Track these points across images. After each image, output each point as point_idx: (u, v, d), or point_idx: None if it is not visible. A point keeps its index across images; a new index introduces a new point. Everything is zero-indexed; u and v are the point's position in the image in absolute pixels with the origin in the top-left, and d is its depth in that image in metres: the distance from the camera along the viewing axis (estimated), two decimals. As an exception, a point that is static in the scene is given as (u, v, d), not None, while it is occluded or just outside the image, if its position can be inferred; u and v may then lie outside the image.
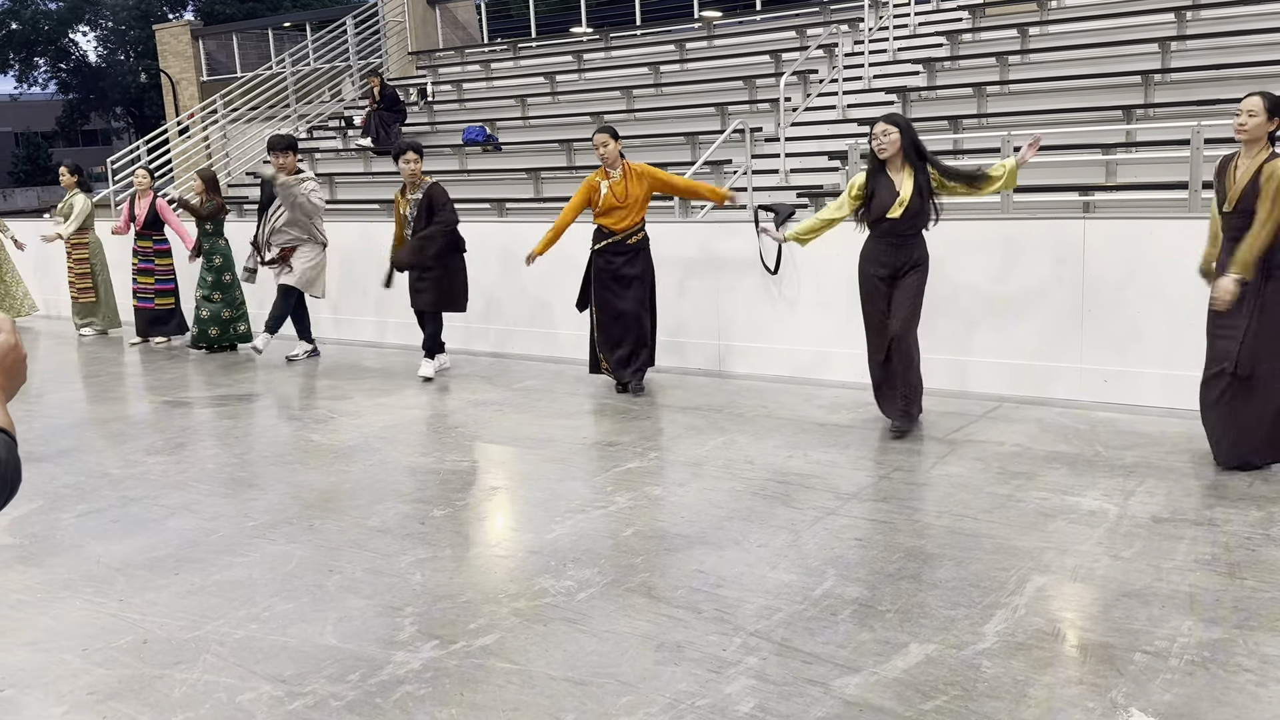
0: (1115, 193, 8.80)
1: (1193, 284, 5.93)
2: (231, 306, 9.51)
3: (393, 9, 19.13)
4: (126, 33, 54.22)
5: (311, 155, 16.34)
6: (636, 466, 5.51)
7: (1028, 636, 3.41)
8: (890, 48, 13.06)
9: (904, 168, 5.62)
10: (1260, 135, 4.72)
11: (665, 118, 13.65)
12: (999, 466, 5.16)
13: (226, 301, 9.49)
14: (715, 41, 15.73)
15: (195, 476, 5.67)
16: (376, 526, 4.78)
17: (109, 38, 55.40)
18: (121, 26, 54.32)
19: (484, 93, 16.95)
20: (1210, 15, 11.30)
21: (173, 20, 54.31)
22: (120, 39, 54.74)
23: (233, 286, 9.53)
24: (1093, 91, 10.58)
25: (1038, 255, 6.34)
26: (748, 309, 7.54)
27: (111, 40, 55.32)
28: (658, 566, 4.14)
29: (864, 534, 4.37)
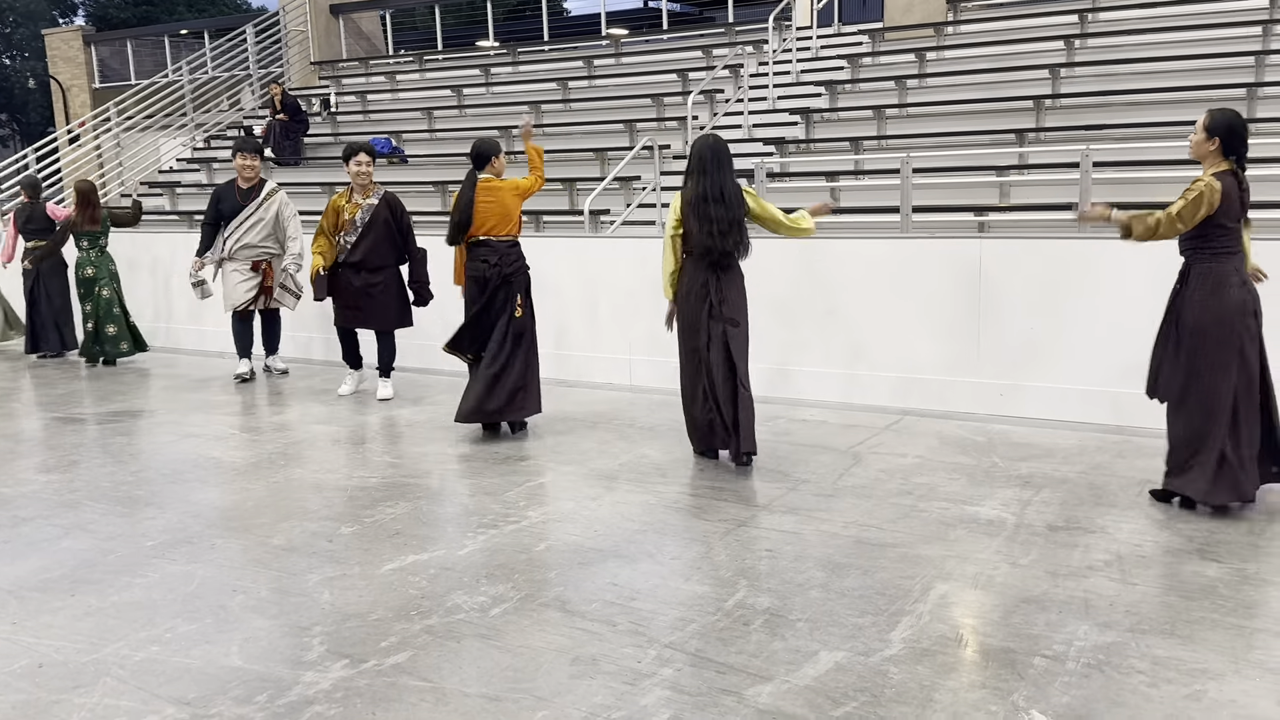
0: (1009, 213, 9.11)
1: (1084, 301, 6.18)
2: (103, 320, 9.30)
3: (295, 18, 18.81)
4: (10, 35, 52.25)
5: (209, 165, 15.98)
6: (549, 481, 5.50)
7: (932, 643, 3.50)
8: (794, 69, 13.31)
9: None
10: (1202, 154, 4.59)
11: (574, 133, 13.69)
12: (902, 478, 5.30)
13: (95, 313, 9.27)
14: (623, 59, 15.84)
15: (89, 495, 5.49)
16: (282, 545, 4.69)
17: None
18: (5, 29, 52.32)
19: (388, 104, 16.78)
20: (1096, 44, 11.79)
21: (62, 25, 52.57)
22: (4, 42, 52.71)
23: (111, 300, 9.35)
24: (987, 115, 10.94)
25: (936, 273, 6.53)
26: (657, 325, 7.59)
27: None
28: (571, 580, 4.14)
29: (774, 545, 4.44)
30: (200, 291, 8.34)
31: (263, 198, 8.27)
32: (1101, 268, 6.10)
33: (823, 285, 6.96)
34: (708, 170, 5.39)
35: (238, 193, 8.34)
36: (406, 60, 18.32)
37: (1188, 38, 11.14)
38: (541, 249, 8.18)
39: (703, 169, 5.40)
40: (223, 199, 8.38)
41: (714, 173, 5.38)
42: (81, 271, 9.26)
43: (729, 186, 5.40)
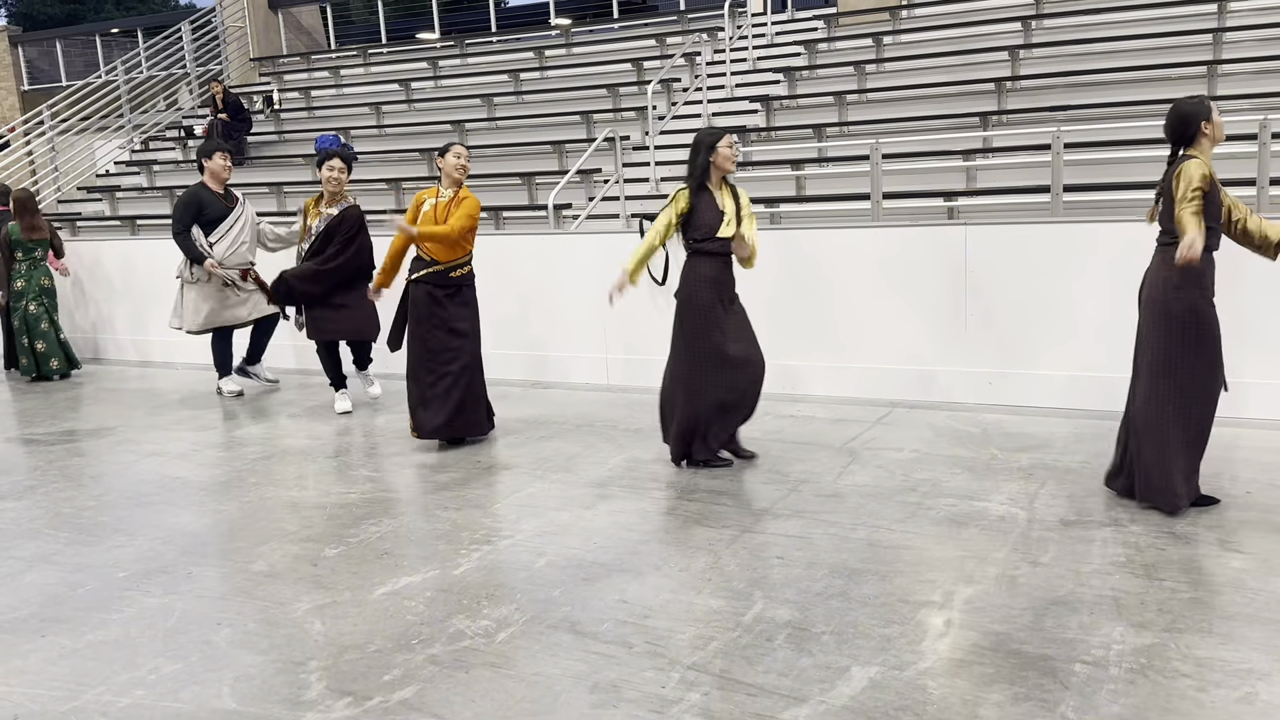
0: (979, 197, 9.04)
1: (1072, 285, 6.10)
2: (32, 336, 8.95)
3: (232, 14, 18.29)
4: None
5: (149, 168, 15.47)
6: (538, 491, 5.30)
7: (966, 652, 3.36)
8: (750, 56, 13.16)
9: (723, 187, 5.41)
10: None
11: (528, 126, 13.43)
12: (903, 474, 5.16)
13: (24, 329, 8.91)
14: (574, 50, 15.59)
15: (51, 523, 5.17)
16: (264, 571, 4.44)
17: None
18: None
19: (333, 101, 16.37)
20: (1052, 24, 11.78)
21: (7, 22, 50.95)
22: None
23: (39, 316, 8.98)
24: (948, 99, 10.88)
25: (920, 261, 6.41)
26: (633, 320, 7.41)
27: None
28: (578, 599, 3.95)
29: (784, 551, 4.28)
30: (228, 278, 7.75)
31: (241, 200, 7.88)
32: (1087, 251, 6.02)
33: (804, 276, 6.81)
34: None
35: (219, 197, 7.76)
36: (350, 54, 17.89)
37: (1144, 16, 11.17)
38: (506, 247, 7.95)
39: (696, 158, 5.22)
40: (206, 205, 7.68)
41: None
42: (12, 284, 8.85)
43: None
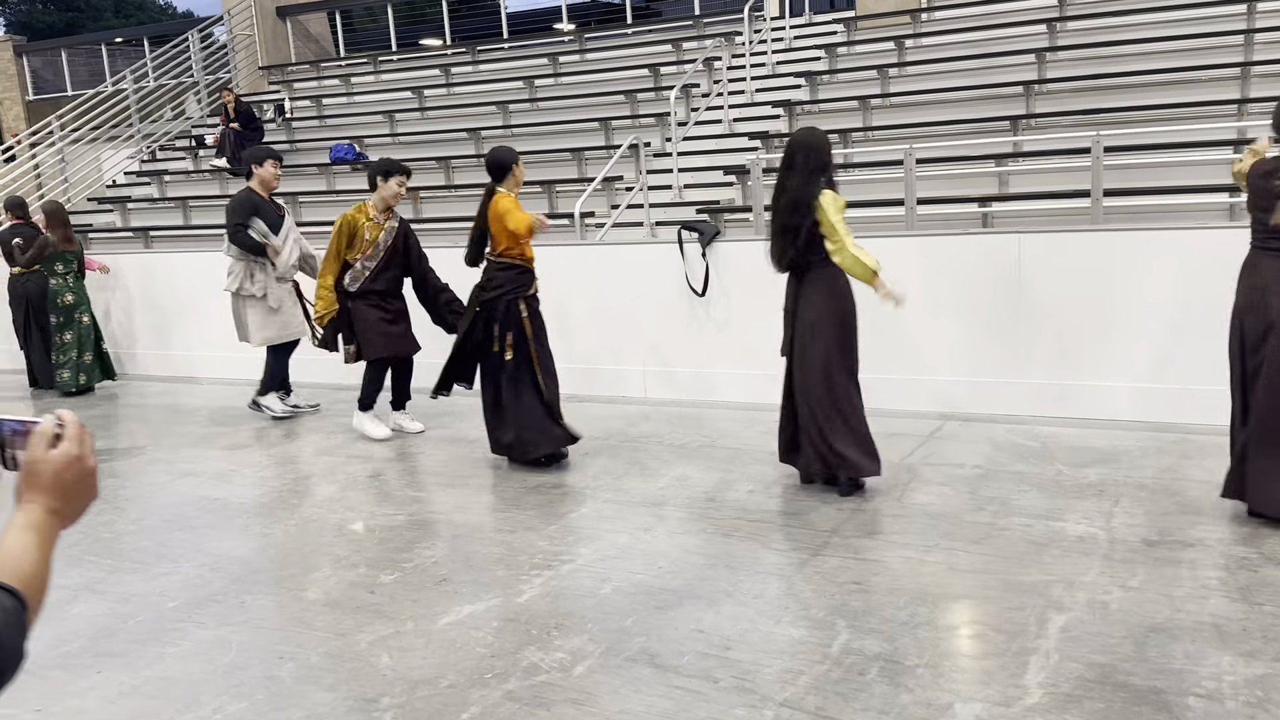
0: (1013, 203, 8.90)
1: (1129, 294, 5.96)
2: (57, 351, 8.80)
3: (240, 22, 18.15)
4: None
5: (160, 177, 15.33)
6: (591, 511, 5.15)
7: (1072, 685, 3.22)
8: (769, 61, 13.03)
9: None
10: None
11: (545, 134, 13.29)
12: (969, 493, 5.03)
13: (77, 342, 8.77)
14: (587, 56, 15.46)
15: (91, 549, 5.02)
16: (320, 599, 4.30)
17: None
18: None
19: (344, 108, 16.22)
20: (1077, 27, 11.66)
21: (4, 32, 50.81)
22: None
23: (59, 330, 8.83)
24: (973, 103, 10.74)
25: (971, 270, 6.28)
26: (670, 332, 7.27)
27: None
28: (653, 628, 3.81)
29: (859, 576, 4.14)
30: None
31: (286, 210, 7.66)
32: (1149, 258, 5.89)
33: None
34: (794, 166, 4.91)
35: (270, 204, 7.46)
36: (360, 62, 17.75)
37: (1172, 17, 11.04)
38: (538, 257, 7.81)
39: (790, 164, 4.93)
40: (261, 209, 7.31)
41: (800, 171, 4.92)
42: (60, 298, 8.72)
43: (803, 192, 4.90)
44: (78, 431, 1.37)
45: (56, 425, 1.38)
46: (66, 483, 1.35)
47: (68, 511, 1.36)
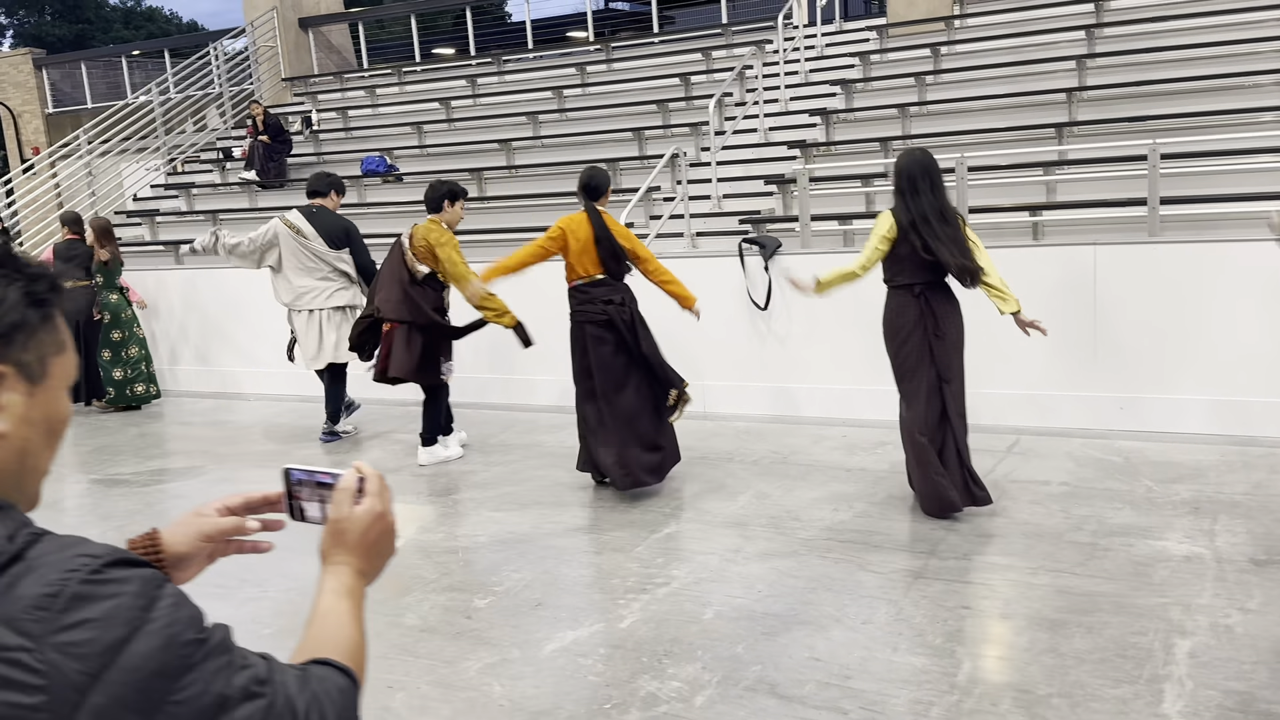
0: (1062, 211, 8.84)
1: (1208, 307, 5.90)
2: (124, 366, 8.74)
3: (263, 33, 18.13)
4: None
5: (188, 190, 15.30)
6: (675, 531, 5.10)
7: (1214, 715, 3.16)
8: (802, 69, 12.99)
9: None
10: None
11: (575, 144, 13.25)
12: (1061, 510, 4.96)
13: (117, 361, 8.73)
14: (614, 65, 15.42)
15: (172, 574, 4.97)
16: (418, 625, 4.24)
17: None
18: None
19: (369, 120, 16.20)
20: (1114, 33, 11.60)
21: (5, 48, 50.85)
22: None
23: (123, 344, 8.78)
24: (1014, 110, 10.69)
25: (1048, 281, 6.22)
26: (733, 346, 7.22)
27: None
28: (766, 655, 3.75)
29: (968, 600, 4.08)
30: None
31: None
32: (1223, 270, 5.83)
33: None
34: (919, 190, 4.94)
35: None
36: (384, 73, 17.73)
37: (1214, 23, 10.98)
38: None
39: (914, 188, 4.95)
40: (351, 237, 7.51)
41: (926, 192, 4.94)
42: (122, 313, 8.70)
43: (945, 203, 4.97)
44: (380, 486, 1.32)
45: (358, 479, 1.33)
46: (371, 542, 1.31)
47: (372, 571, 1.32)
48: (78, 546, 1.00)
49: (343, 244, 7.33)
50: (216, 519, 1.43)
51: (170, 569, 1.39)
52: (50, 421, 1.10)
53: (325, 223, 7.32)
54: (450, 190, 6.61)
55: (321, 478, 1.41)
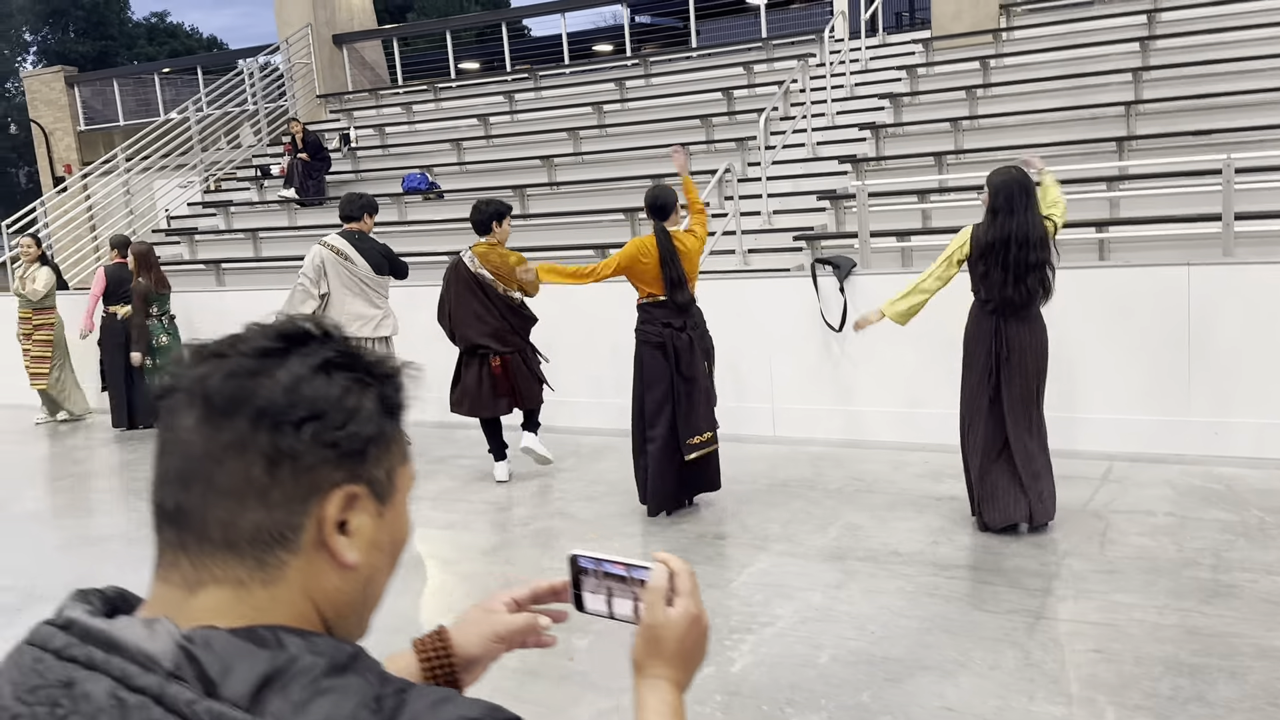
0: (1127, 228, 8.67)
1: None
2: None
3: (298, 50, 18.12)
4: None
5: (226, 208, 15.26)
6: (770, 566, 4.95)
7: (1391, 773, 3.00)
8: (847, 83, 12.86)
9: None
10: None
11: (617, 160, 13.14)
12: (1173, 544, 4.79)
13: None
14: (653, 80, 15.32)
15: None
16: (518, 667, 4.09)
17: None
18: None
19: (406, 136, 16.14)
20: (1166, 45, 11.43)
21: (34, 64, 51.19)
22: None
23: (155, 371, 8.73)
24: (1069, 124, 10.53)
25: (1139, 303, 6.06)
26: (804, 368, 7.07)
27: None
28: (895, 704, 3.59)
29: (1097, 643, 3.92)
30: None
31: None
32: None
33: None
34: (1015, 209, 4.87)
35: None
36: (420, 89, 17.68)
37: (1267, 35, 10.80)
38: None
39: (1010, 207, 4.87)
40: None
41: (1021, 212, 4.87)
42: (155, 339, 8.60)
43: (1034, 227, 4.89)
44: (692, 585, 1.19)
45: (668, 574, 1.20)
46: (689, 650, 1.17)
47: (687, 682, 1.18)
48: (452, 706, 0.86)
49: (384, 269, 7.27)
50: (508, 617, 1.30)
51: (459, 671, 1.26)
52: (395, 544, 0.97)
53: (367, 248, 7.26)
54: (497, 210, 6.57)
55: (612, 567, 1.27)
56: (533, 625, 1.32)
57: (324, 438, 0.88)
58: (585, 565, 1.30)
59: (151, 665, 0.80)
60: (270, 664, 0.82)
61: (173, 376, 0.91)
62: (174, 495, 0.88)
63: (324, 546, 0.90)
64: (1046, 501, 5.03)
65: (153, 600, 0.90)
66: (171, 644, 0.82)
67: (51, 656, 0.83)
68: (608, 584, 1.29)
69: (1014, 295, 4.92)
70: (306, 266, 7.33)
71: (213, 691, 0.80)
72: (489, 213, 6.45)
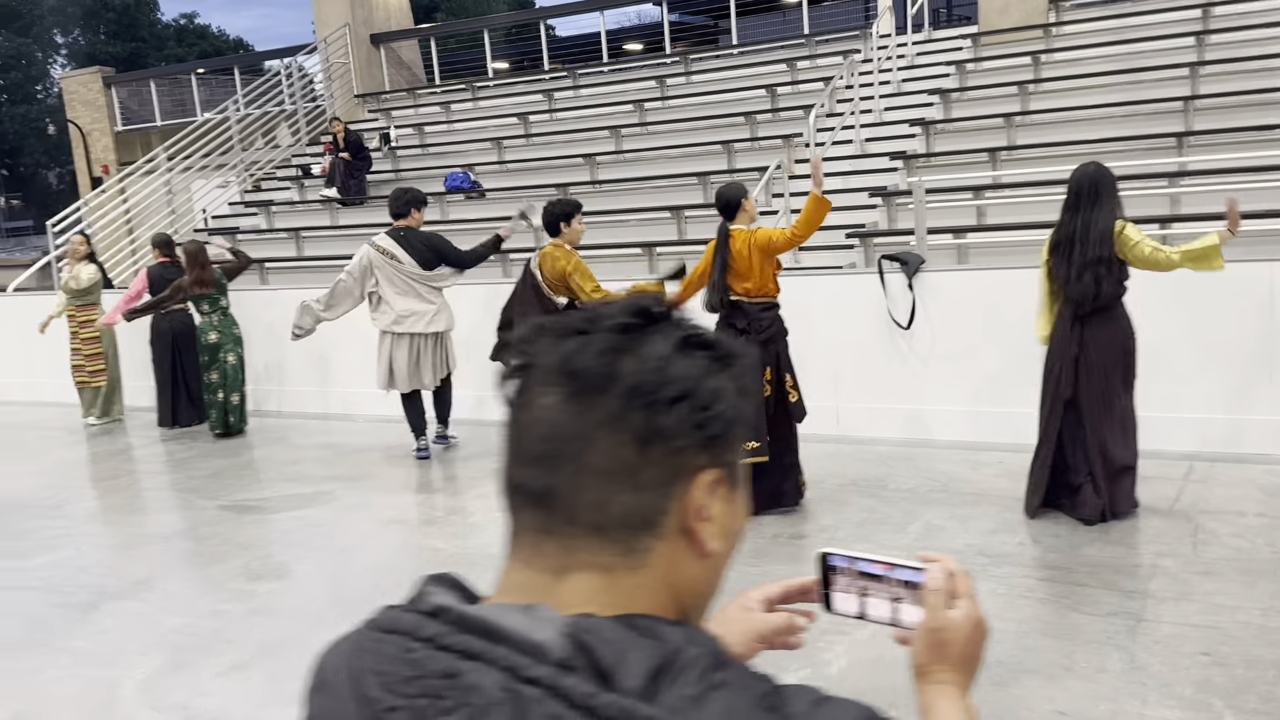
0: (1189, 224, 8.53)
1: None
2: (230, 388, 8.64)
3: (336, 50, 18.14)
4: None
5: (267, 208, 15.29)
6: (853, 566, 4.86)
7: None
8: (894, 79, 12.74)
9: None
10: None
11: (660, 158, 13.07)
12: (1268, 545, 4.69)
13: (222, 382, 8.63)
14: (693, 77, 15.24)
15: (342, 608, 4.79)
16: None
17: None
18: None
19: (444, 135, 16.13)
20: (1221, 40, 11.26)
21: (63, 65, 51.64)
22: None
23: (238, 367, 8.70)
24: (1124, 120, 10.39)
25: (1220, 300, 5.94)
26: (870, 367, 6.98)
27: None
28: (1005, 708, 3.51)
29: (1204, 645, 3.82)
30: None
31: None
32: None
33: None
34: (1080, 206, 4.82)
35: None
36: (457, 88, 17.67)
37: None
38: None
39: (1075, 204, 4.83)
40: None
41: (1087, 209, 4.81)
42: (204, 337, 8.59)
43: (1096, 224, 4.81)
44: (969, 585, 1.12)
45: (948, 576, 1.13)
46: (973, 654, 1.11)
47: (970, 687, 1.12)
48: (833, 707, 0.81)
49: (434, 264, 7.24)
50: (767, 616, 1.25)
51: None
52: (740, 531, 0.92)
53: (415, 244, 7.27)
54: (564, 210, 6.48)
55: (869, 567, 1.21)
56: (790, 625, 1.26)
57: (693, 419, 0.83)
58: (837, 564, 1.23)
59: (540, 655, 0.75)
60: (659, 655, 0.77)
61: (524, 354, 0.86)
62: (540, 476, 0.83)
63: (686, 533, 0.85)
64: (1120, 498, 5.02)
65: (512, 586, 0.85)
66: (558, 633, 0.76)
67: (425, 645, 0.78)
68: (862, 584, 1.22)
69: (1075, 292, 4.88)
70: (351, 265, 7.40)
71: (608, 684, 0.74)
72: (556, 213, 6.39)
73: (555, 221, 6.37)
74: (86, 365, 9.56)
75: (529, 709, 0.73)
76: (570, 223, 6.42)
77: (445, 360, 7.37)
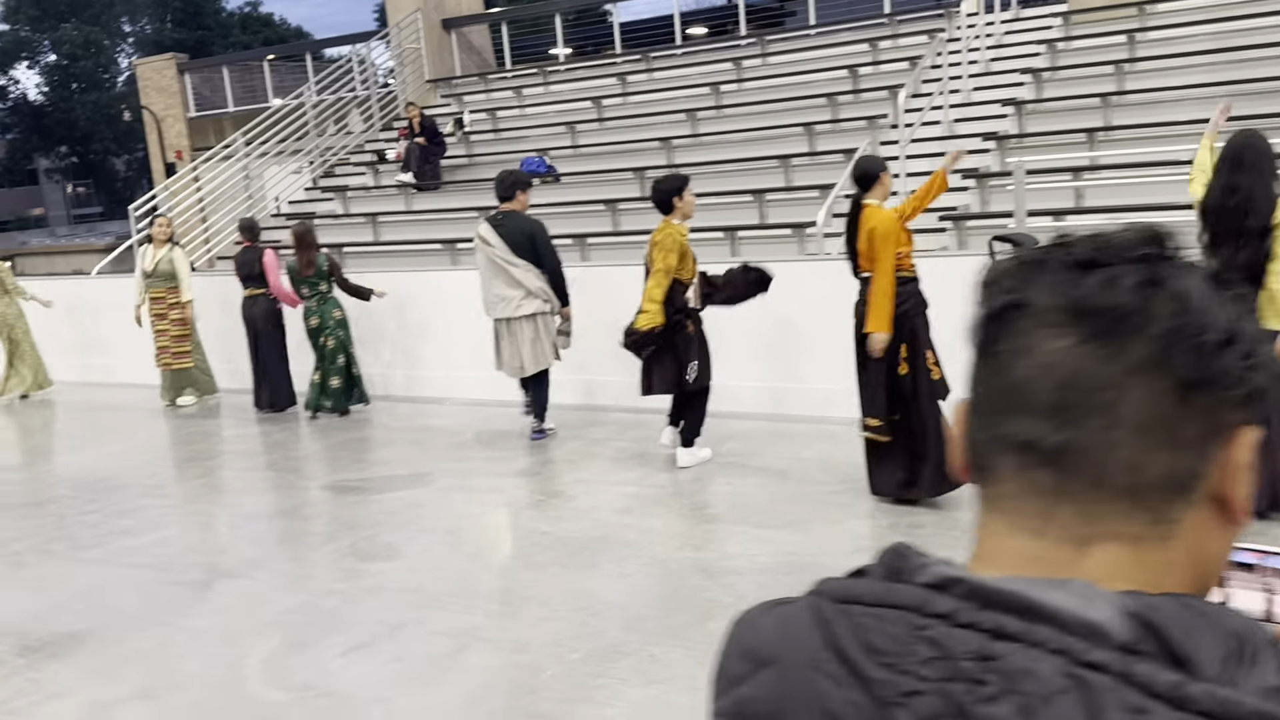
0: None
1: None
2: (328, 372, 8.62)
3: (408, 35, 18.17)
4: (70, 67, 52.37)
5: (343, 192, 15.36)
6: (982, 554, 4.71)
7: None
8: (982, 58, 12.44)
9: None
10: None
11: (738, 141, 12.89)
12: None
13: (320, 364, 8.63)
14: (769, 59, 15.03)
15: (447, 589, 4.74)
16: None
17: (53, 73, 53.42)
18: (64, 61, 52.37)
19: (517, 120, 16.07)
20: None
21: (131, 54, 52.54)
22: (64, 74, 52.84)
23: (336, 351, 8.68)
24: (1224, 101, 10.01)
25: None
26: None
27: (55, 75, 53.36)
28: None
29: None
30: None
31: None
32: None
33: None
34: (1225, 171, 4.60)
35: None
36: (529, 72, 17.61)
37: None
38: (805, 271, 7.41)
39: (1237, 170, 4.60)
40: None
41: (1251, 175, 4.58)
42: (306, 322, 8.59)
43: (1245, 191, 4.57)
44: None
45: None
46: None
47: None
48: None
49: (527, 252, 7.08)
50: None
51: None
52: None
53: (511, 230, 7.13)
54: (674, 185, 6.23)
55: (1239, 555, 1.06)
56: None
57: (1242, 365, 0.70)
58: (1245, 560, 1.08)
59: (1100, 639, 0.63)
60: (1227, 640, 0.64)
61: (1011, 291, 0.73)
62: (1055, 431, 0.70)
63: (1218, 499, 0.71)
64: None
65: (1017, 558, 0.72)
66: (1118, 612, 0.64)
67: (940, 622, 0.66)
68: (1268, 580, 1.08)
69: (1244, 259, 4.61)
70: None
71: (1187, 672, 0.62)
72: (666, 189, 6.16)
73: (667, 198, 6.16)
74: (172, 347, 9.62)
75: (1102, 699, 0.61)
76: (682, 196, 6.20)
77: (544, 350, 7.14)
